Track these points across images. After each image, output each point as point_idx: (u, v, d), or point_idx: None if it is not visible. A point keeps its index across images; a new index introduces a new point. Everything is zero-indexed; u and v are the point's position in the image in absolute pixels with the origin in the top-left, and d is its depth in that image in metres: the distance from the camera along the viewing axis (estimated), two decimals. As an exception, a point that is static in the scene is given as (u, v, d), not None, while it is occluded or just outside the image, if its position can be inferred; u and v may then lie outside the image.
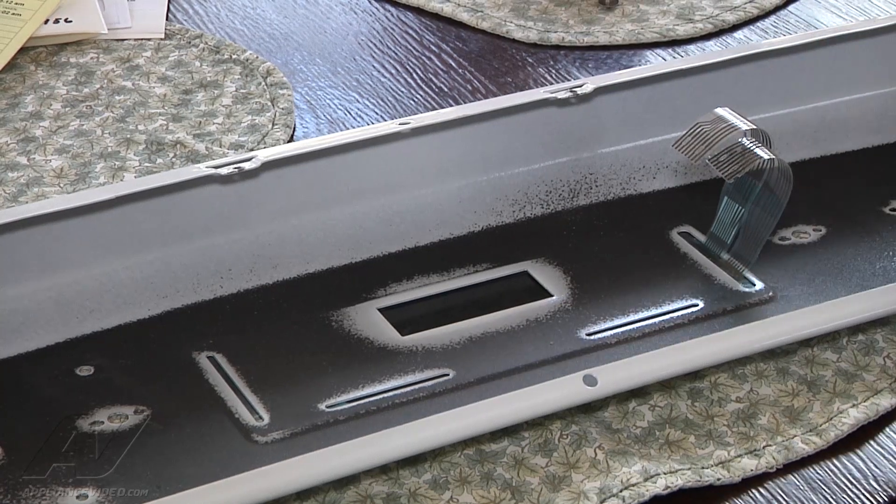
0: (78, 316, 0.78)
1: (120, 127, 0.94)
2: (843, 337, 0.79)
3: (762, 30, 1.05)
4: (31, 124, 0.94)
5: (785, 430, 0.74)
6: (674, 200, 0.87)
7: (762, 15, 1.06)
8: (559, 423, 0.74)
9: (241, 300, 0.80)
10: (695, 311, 0.79)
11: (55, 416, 0.73)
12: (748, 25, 1.05)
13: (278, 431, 0.72)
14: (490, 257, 0.83)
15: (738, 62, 0.89)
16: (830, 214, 0.85)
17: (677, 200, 0.87)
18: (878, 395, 0.76)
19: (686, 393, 0.76)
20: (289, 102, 0.96)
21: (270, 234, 0.81)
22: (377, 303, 0.80)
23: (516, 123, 0.85)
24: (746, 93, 0.89)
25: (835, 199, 0.86)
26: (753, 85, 0.90)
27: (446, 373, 0.75)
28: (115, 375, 0.75)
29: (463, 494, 0.71)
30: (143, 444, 0.71)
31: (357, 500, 0.70)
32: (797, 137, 0.90)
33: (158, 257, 0.80)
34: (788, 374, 0.77)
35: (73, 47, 1.01)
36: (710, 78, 0.88)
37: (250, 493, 0.66)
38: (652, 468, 0.72)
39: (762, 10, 1.06)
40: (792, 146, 0.89)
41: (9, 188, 0.89)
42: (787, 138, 0.89)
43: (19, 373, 0.75)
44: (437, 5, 1.06)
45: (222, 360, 0.76)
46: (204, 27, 1.04)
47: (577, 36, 1.03)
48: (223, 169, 0.78)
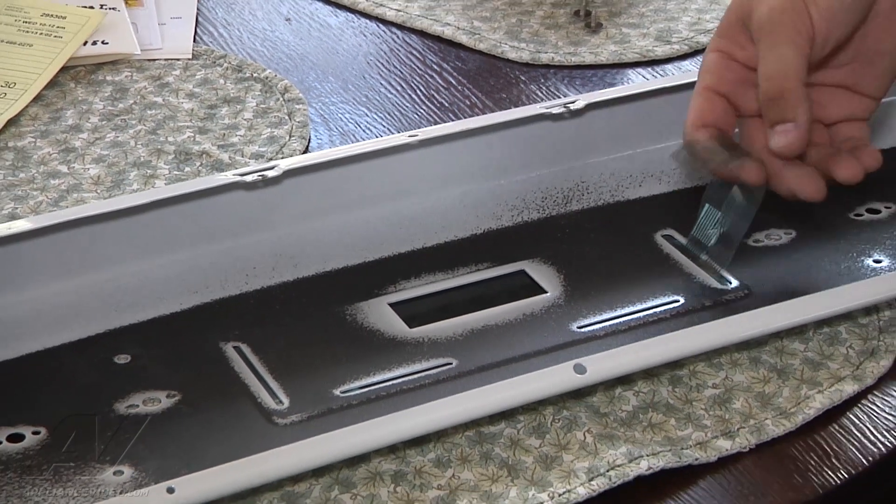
0: (116, 309, 0.78)
1: (151, 138, 0.94)
2: (810, 329, 0.79)
3: (736, 52, 1.05)
4: (71, 136, 0.94)
5: (757, 413, 0.74)
6: (658, 206, 0.87)
7: (735, 38, 1.06)
8: (552, 408, 0.74)
9: (264, 296, 0.80)
10: (676, 306, 0.79)
11: (95, 399, 0.73)
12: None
13: (297, 414, 0.72)
14: (490, 257, 0.83)
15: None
16: (800, 219, 0.85)
17: (661, 206, 0.87)
18: (842, 382, 0.76)
19: (667, 380, 0.76)
20: (304, 116, 0.96)
21: (291, 236, 0.82)
22: (387, 298, 0.80)
23: (515, 136, 0.85)
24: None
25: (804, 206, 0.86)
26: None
27: (450, 362, 0.75)
28: (150, 363, 0.75)
29: (464, 472, 0.71)
30: (173, 426, 0.71)
31: (368, 477, 0.70)
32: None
33: (189, 257, 0.80)
34: (760, 363, 0.77)
35: (109, 66, 1.01)
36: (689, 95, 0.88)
37: (271, 470, 0.66)
38: (636, 451, 0.72)
39: (736, 34, 1.07)
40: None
41: (51, 194, 0.89)
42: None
43: (63, 360, 0.75)
44: (438, 28, 1.06)
45: (246, 350, 0.76)
46: (227, 48, 1.04)
47: (565, 56, 1.03)
48: (248, 176, 0.79)
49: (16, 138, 0.94)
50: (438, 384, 0.74)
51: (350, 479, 0.70)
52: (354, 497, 0.69)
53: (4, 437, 0.71)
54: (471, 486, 0.70)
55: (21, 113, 0.96)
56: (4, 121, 0.95)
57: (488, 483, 0.70)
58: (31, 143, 0.94)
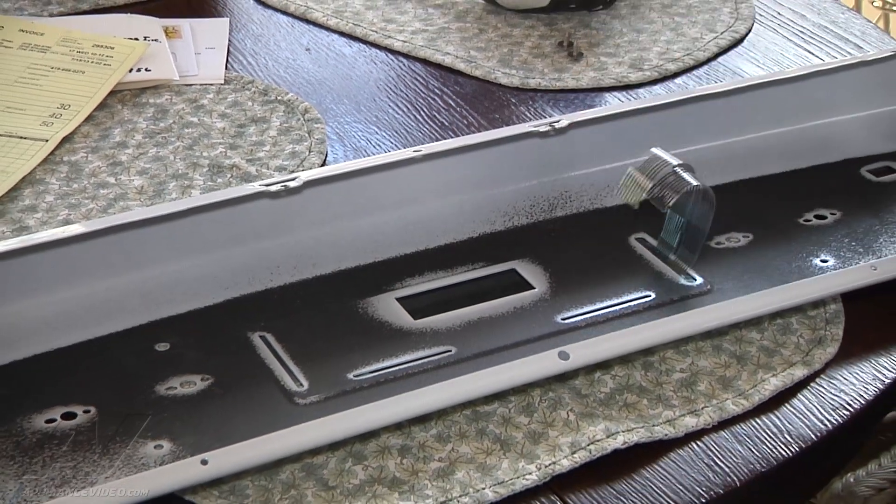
0: (156, 303, 0.77)
1: (188, 153, 0.94)
2: (766, 321, 0.79)
3: (697, 77, 1.05)
4: (118, 151, 0.94)
5: (719, 394, 0.74)
6: (631, 213, 0.86)
7: (697, 65, 1.06)
8: (539, 389, 0.74)
9: (287, 291, 0.80)
10: (648, 300, 0.79)
11: (138, 382, 0.73)
12: (686, 73, 1.05)
13: (315, 396, 0.72)
14: (485, 257, 0.83)
15: (679, 103, 0.89)
16: (756, 224, 0.85)
17: (634, 213, 0.86)
18: (793, 367, 0.76)
19: (640, 365, 0.76)
20: (322, 134, 0.96)
21: (310, 239, 0.81)
22: (395, 293, 0.79)
23: (507, 151, 0.85)
24: (686, 128, 0.89)
25: (760, 212, 0.86)
26: (692, 121, 0.89)
27: (449, 349, 0.75)
28: (186, 350, 0.75)
29: (462, 446, 0.71)
30: (207, 405, 0.71)
31: (377, 450, 0.70)
32: (730, 163, 0.90)
33: (220, 257, 0.79)
34: (722, 350, 0.77)
35: (151, 91, 1.01)
36: (659, 116, 0.88)
37: (292, 444, 0.66)
38: (613, 427, 0.72)
39: (697, 62, 1.06)
40: (726, 170, 0.89)
41: (100, 202, 0.88)
42: (721, 164, 0.89)
43: (110, 348, 0.75)
44: (439, 57, 1.06)
45: (271, 339, 0.75)
46: (255, 75, 1.04)
47: (550, 81, 1.03)
48: (272, 187, 0.78)
49: (70, 153, 0.94)
50: (439, 369, 0.74)
51: (362, 453, 0.70)
52: (365, 468, 0.69)
53: (59, 415, 0.70)
54: (468, 458, 0.70)
55: (74, 131, 0.96)
56: (60, 138, 0.94)
57: (483, 456, 0.70)
58: (83, 157, 0.93)
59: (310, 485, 0.68)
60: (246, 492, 0.68)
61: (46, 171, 0.92)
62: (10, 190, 0.89)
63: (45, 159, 0.93)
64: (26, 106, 0.98)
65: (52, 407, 0.71)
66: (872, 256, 0.82)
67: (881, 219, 0.86)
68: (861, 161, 0.92)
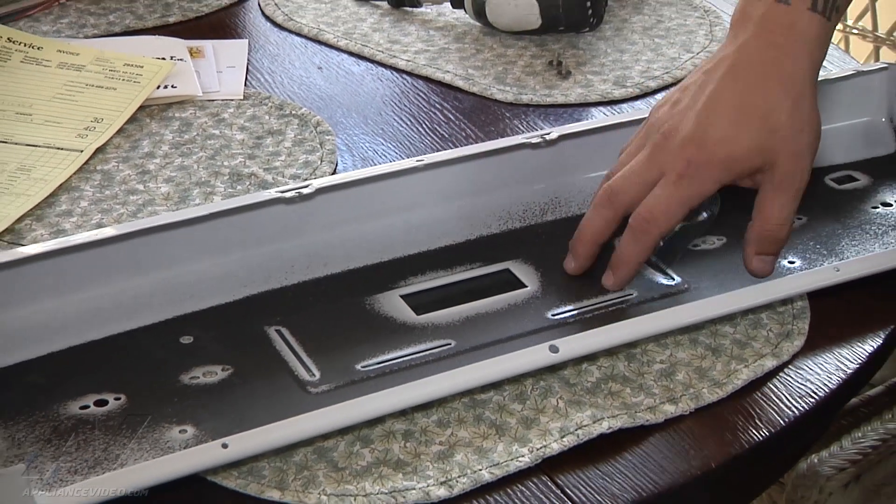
0: (181, 300, 0.77)
1: (210, 163, 0.93)
2: (738, 316, 0.78)
3: (677, 94, 1.04)
4: (146, 161, 0.93)
5: (695, 384, 0.74)
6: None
7: (675, 82, 1.05)
8: (531, 379, 0.74)
9: (300, 289, 0.79)
10: (631, 298, 0.79)
11: (164, 372, 0.73)
12: (665, 90, 1.05)
13: (326, 385, 0.72)
14: (481, 258, 0.82)
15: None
16: (729, 228, 0.84)
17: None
18: (763, 359, 0.76)
19: (624, 357, 0.76)
20: (333, 145, 0.96)
21: (321, 241, 0.81)
22: (399, 291, 0.79)
23: (501, 161, 0.85)
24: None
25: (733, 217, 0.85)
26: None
27: (449, 343, 0.75)
28: (208, 343, 0.75)
29: (460, 431, 0.70)
30: (227, 393, 0.71)
31: (383, 434, 0.70)
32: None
33: (240, 257, 0.79)
34: (698, 343, 0.77)
35: (177, 106, 1.01)
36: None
37: (305, 430, 0.66)
38: (598, 413, 0.71)
39: (675, 79, 1.06)
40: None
41: (130, 207, 0.88)
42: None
43: (139, 340, 0.75)
44: (440, 75, 1.06)
45: (286, 332, 0.75)
46: (272, 91, 1.03)
47: (541, 97, 1.02)
48: (287, 193, 0.78)
49: (102, 163, 0.93)
50: (440, 361, 0.73)
51: (369, 437, 0.70)
52: (372, 451, 0.69)
53: (92, 402, 0.70)
54: (466, 442, 0.70)
55: (107, 143, 0.95)
56: (94, 149, 0.94)
57: (480, 440, 0.70)
58: (115, 166, 0.93)
59: (321, 466, 0.68)
60: (263, 472, 0.67)
61: (81, 179, 0.91)
62: (48, 196, 0.89)
63: (80, 168, 0.92)
64: (63, 119, 0.98)
65: (86, 394, 0.71)
66: (835, 258, 0.82)
67: (843, 224, 0.86)
68: (825, 171, 0.92)
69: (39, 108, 0.99)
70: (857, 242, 0.84)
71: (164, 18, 1.13)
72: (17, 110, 0.99)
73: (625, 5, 1.16)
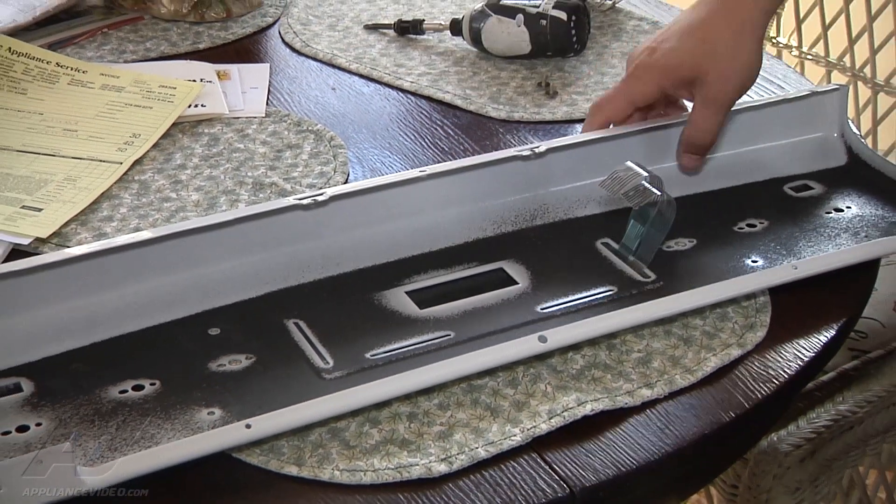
0: (209, 296, 0.77)
1: (236, 174, 0.93)
2: (707, 310, 0.78)
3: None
4: (178, 172, 0.93)
5: (669, 370, 0.74)
6: (598, 222, 0.86)
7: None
8: (522, 366, 0.73)
9: (315, 286, 0.79)
10: (611, 293, 0.78)
11: (194, 360, 0.72)
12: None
13: (339, 371, 0.71)
14: (478, 258, 0.82)
15: (636, 133, 0.88)
16: (700, 231, 0.84)
17: (600, 222, 0.86)
18: (729, 348, 0.75)
19: (605, 346, 0.75)
20: (345, 158, 0.95)
21: (334, 243, 0.80)
22: (404, 287, 0.79)
23: (495, 171, 0.84)
24: (644, 153, 0.88)
25: (702, 221, 0.86)
26: (647, 147, 0.89)
27: (449, 334, 0.74)
28: (233, 334, 0.74)
29: (459, 413, 0.70)
30: (250, 379, 0.71)
31: (389, 416, 0.69)
32: (677, 181, 0.89)
33: (262, 258, 0.79)
34: (671, 334, 0.76)
35: (206, 122, 1.00)
36: (620, 142, 0.88)
37: (320, 412, 0.66)
38: (583, 397, 0.71)
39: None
40: (674, 187, 0.88)
41: (164, 213, 0.88)
42: (671, 182, 0.88)
43: (172, 332, 0.75)
44: (441, 95, 1.05)
45: (303, 325, 0.75)
46: (290, 109, 1.03)
47: (531, 115, 1.02)
48: (304, 200, 0.78)
49: (139, 174, 0.93)
50: (440, 350, 0.73)
51: (377, 418, 0.69)
52: (380, 431, 0.69)
53: (130, 387, 0.70)
54: (464, 423, 0.69)
55: (143, 156, 0.95)
56: (132, 161, 0.94)
57: (476, 421, 0.69)
58: (151, 177, 0.92)
59: (334, 444, 0.68)
60: (282, 450, 0.67)
61: (121, 188, 0.91)
62: (91, 204, 0.89)
63: (120, 178, 0.92)
64: (105, 135, 0.97)
65: (125, 380, 0.70)
66: (794, 258, 0.82)
67: (800, 227, 0.86)
68: (784, 180, 0.92)
69: (84, 124, 0.99)
70: (813, 244, 0.84)
71: (195, 45, 1.12)
72: (65, 127, 0.98)
73: (605, 33, 1.16)
